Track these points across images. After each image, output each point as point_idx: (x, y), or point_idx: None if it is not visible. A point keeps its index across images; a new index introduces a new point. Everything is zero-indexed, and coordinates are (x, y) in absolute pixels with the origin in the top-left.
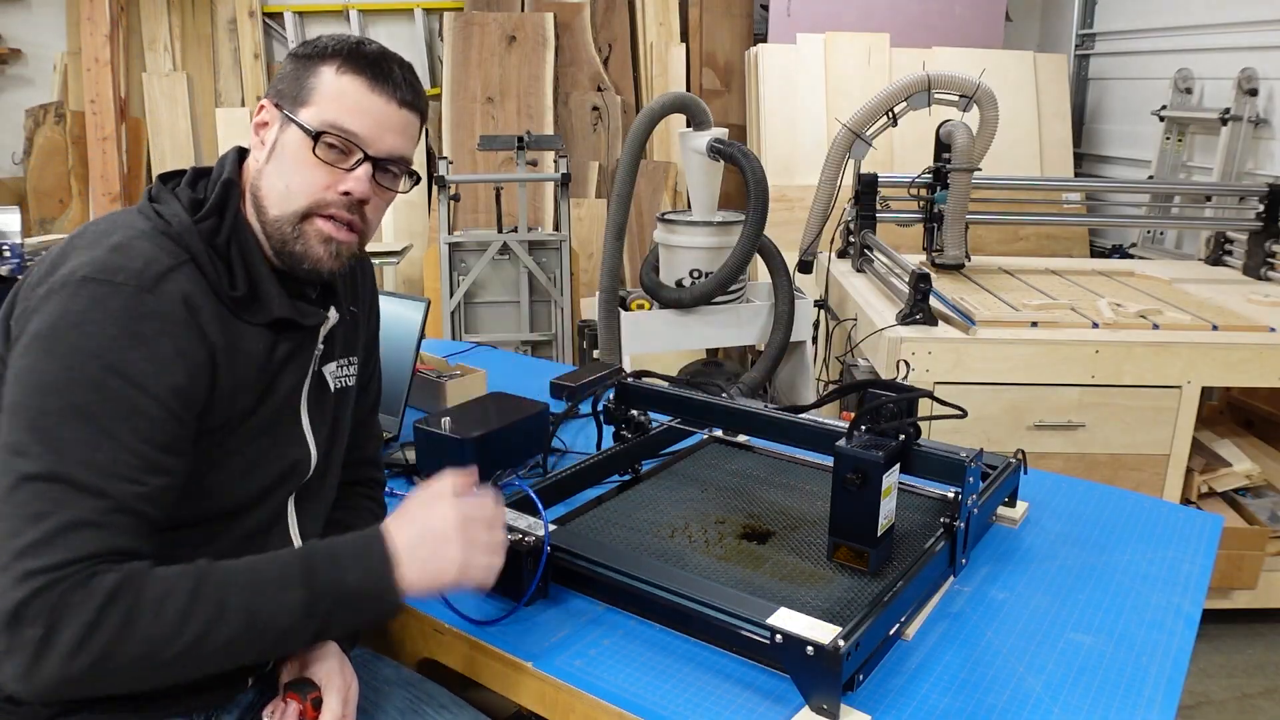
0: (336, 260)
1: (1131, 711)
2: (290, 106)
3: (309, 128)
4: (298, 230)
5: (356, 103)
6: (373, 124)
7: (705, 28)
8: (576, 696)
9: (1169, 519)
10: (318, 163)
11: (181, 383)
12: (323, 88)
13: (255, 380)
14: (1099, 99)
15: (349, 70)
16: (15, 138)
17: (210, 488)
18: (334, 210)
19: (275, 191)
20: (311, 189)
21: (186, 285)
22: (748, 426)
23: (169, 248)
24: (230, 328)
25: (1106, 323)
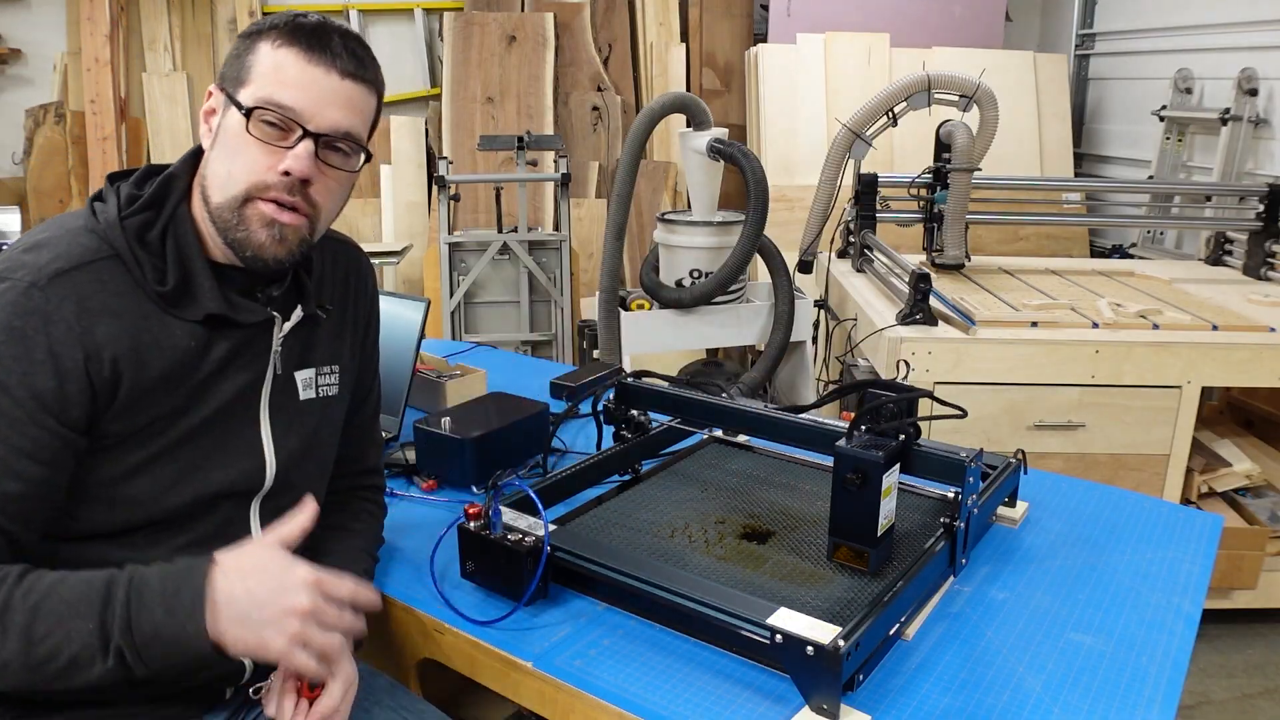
0: (281, 245)
1: (1131, 711)
2: (232, 88)
3: (243, 105)
4: (239, 216)
5: (293, 76)
6: (311, 97)
7: (705, 28)
8: (576, 696)
9: (1169, 519)
10: (255, 142)
11: (48, 386)
12: (260, 64)
13: (183, 378)
14: (1099, 99)
15: (284, 43)
16: (15, 138)
17: (138, 495)
18: (275, 193)
19: (218, 178)
20: (250, 171)
21: (87, 283)
22: (748, 426)
23: (89, 244)
24: (151, 322)
25: (1106, 323)
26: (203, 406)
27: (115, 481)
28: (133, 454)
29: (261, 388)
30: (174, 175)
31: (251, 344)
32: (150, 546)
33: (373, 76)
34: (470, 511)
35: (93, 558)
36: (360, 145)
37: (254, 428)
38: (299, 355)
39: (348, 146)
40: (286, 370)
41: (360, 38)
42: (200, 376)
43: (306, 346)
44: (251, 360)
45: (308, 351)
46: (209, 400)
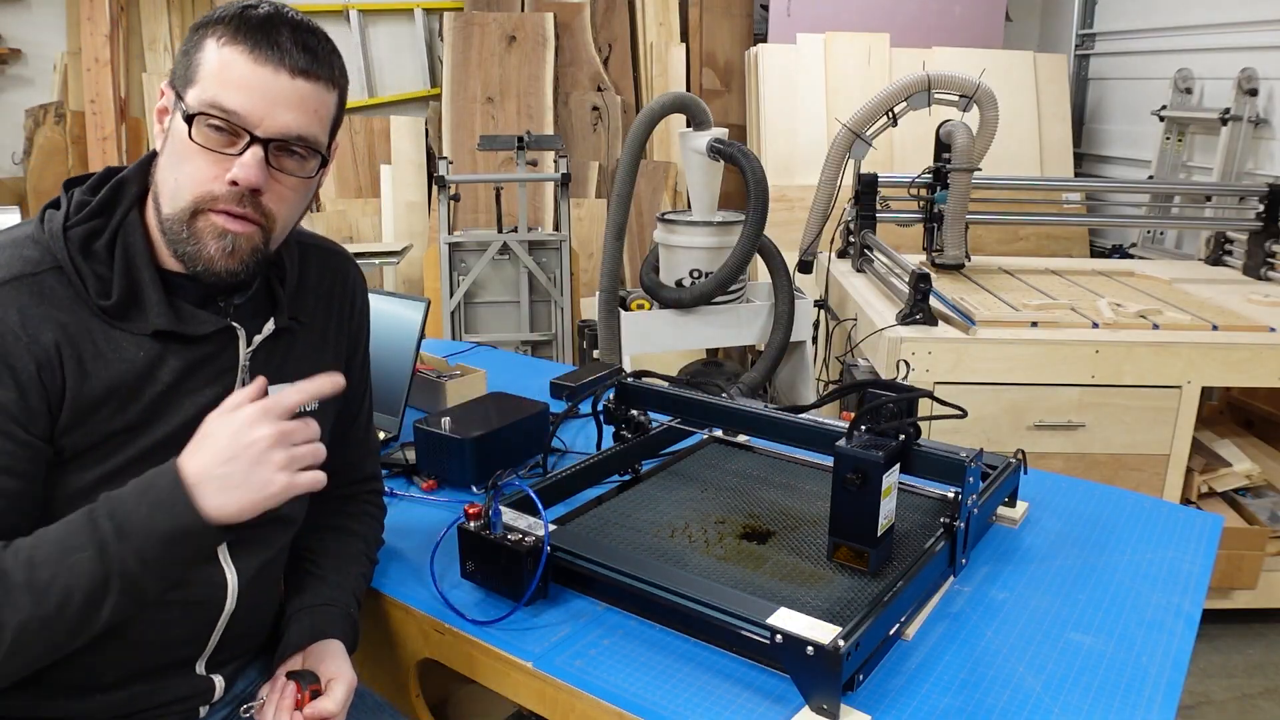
0: (231, 258)
1: (1131, 711)
2: (181, 87)
3: (187, 110)
4: (188, 229)
5: (238, 77)
6: (258, 100)
7: (705, 28)
8: (576, 696)
9: (1169, 519)
10: (201, 150)
11: (10, 398)
12: (206, 63)
13: (133, 394)
14: (1099, 99)
15: (229, 39)
16: (15, 138)
17: None
18: (223, 205)
19: (167, 186)
20: (197, 181)
21: (28, 294)
22: (748, 426)
23: (31, 255)
24: (96, 335)
25: (1106, 323)
26: (163, 423)
27: (74, 498)
28: (91, 470)
29: None
30: (126, 180)
31: (215, 358)
32: None
33: (329, 72)
34: (470, 511)
35: None
36: (316, 149)
37: None
38: (275, 369)
39: (303, 150)
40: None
41: (317, 29)
42: (156, 391)
43: (283, 361)
44: (217, 375)
45: (283, 365)
46: (169, 417)
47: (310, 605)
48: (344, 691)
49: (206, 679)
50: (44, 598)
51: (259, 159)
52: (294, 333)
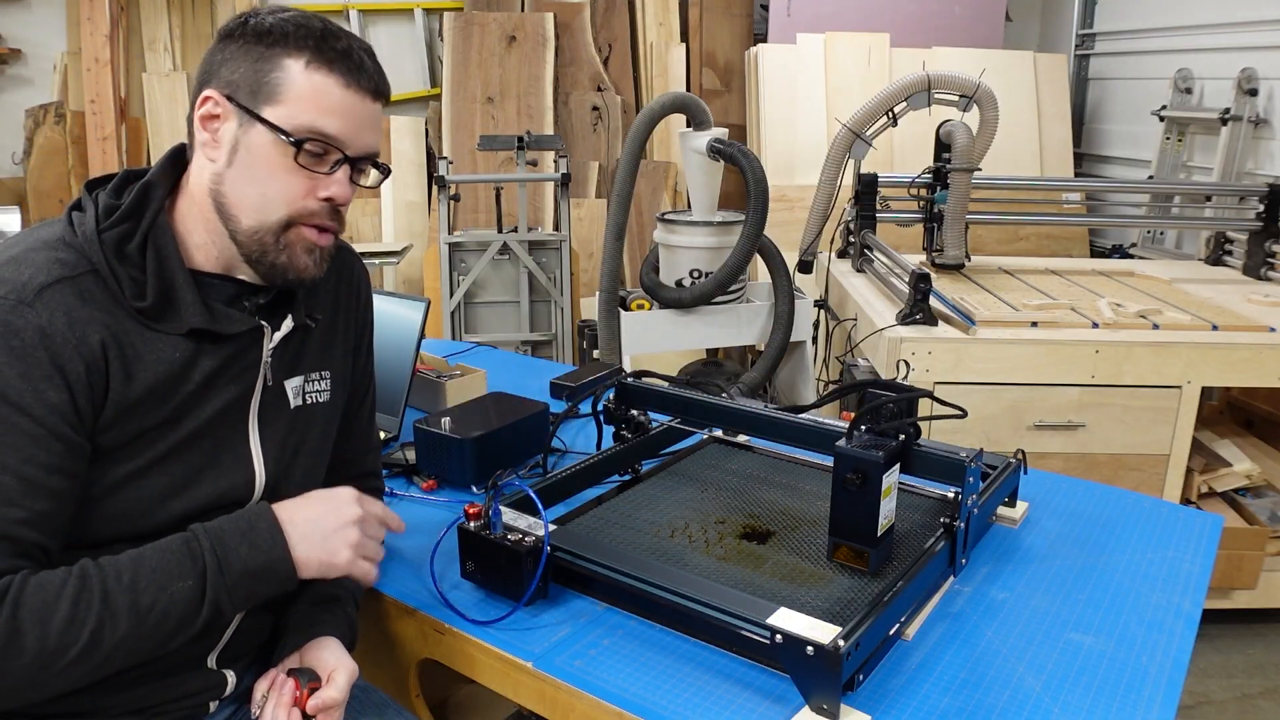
0: (320, 266)
1: (1131, 711)
2: (251, 102)
3: (288, 132)
4: (281, 241)
5: (334, 103)
6: (351, 124)
7: (705, 28)
8: (576, 696)
9: (1169, 519)
10: (297, 169)
11: (62, 399)
12: (292, 85)
13: (168, 393)
14: (1099, 99)
15: (321, 66)
16: (15, 138)
17: (127, 508)
18: (318, 219)
19: (248, 200)
20: (291, 197)
21: (72, 296)
22: (748, 426)
23: (68, 259)
24: (134, 337)
25: (1106, 323)
26: (191, 419)
27: (103, 495)
28: (121, 466)
29: (251, 398)
30: (153, 183)
31: (241, 355)
32: None
33: (389, 89)
34: (470, 511)
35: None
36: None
37: (243, 439)
38: (289, 363)
39: (372, 164)
40: (276, 380)
41: (372, 49)
42: (189, 389)
43: (297, 354)
44: (242, 371)
45: (297, 359)
46: (198, 413)
47: (307, 604)
48: (346, 679)
49: (218, 674)
50: (144, 620)
51: (348, 176)
52: (307, 328)
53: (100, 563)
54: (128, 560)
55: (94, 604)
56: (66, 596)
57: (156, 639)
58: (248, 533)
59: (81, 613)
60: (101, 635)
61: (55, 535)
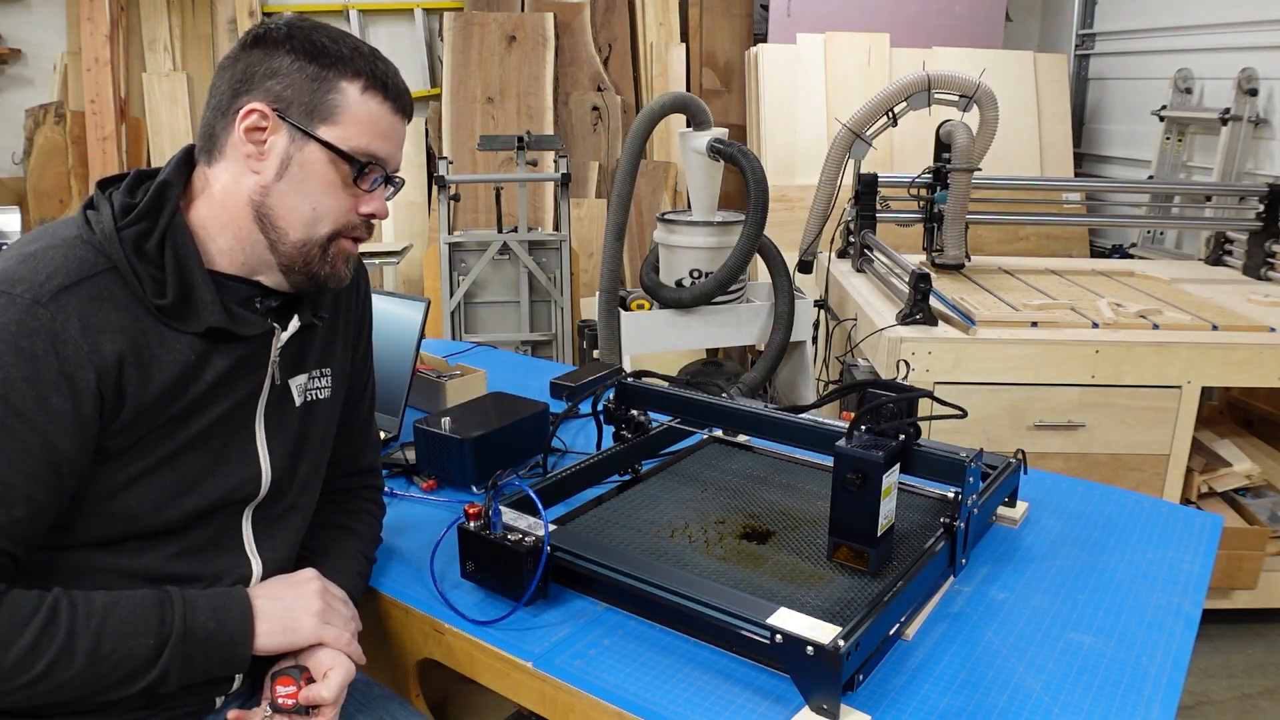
0: (350, 272)
1: (1131, 711)
2: (306, 121)
3: (348, 155)
4: (324, 252)
5: (385, 128)
6: (395, 147)
7: (705, 28)
8: (576, 696)
9: (1169, 519)
10: (349, 187)
11: (65, 407)
12: (350, 108)
13: (181, 392)
14: (1099, 99)
15: (376, 92)
16: (15, 138)
17: (135, 507)
18: (358, 232)
19: (298, 214)
20: (338, 213)
21: (89, 299)
22: (748, 426)
23: (86, 256)
24: (151, 337)
25: (1106, 323)
26: (202, 417)
27: (113, 494)
28: (132, 465)
29: (259, 397)
30: (168, 183)
31: (252, 356)
32: (140, 554)
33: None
34: (470, 511)
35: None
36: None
37: (251, 437)
38: (294, 362)
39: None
40: (283, 378)
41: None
42: (200, 388)
43: (301, 352)
44: (251, 371)
45: (302, 357)
46: (208, 411)
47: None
48: (341, 678)
49: None
50: (98, 666)
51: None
52: (313, 326)
53: (74, 598)
54: (100, 604)
55: (57, 639)
56: (34, 626)
57: (101, 686)
58: (219, 611)
59: (43, 644)
60: (55, 670)
61: (24, 544)
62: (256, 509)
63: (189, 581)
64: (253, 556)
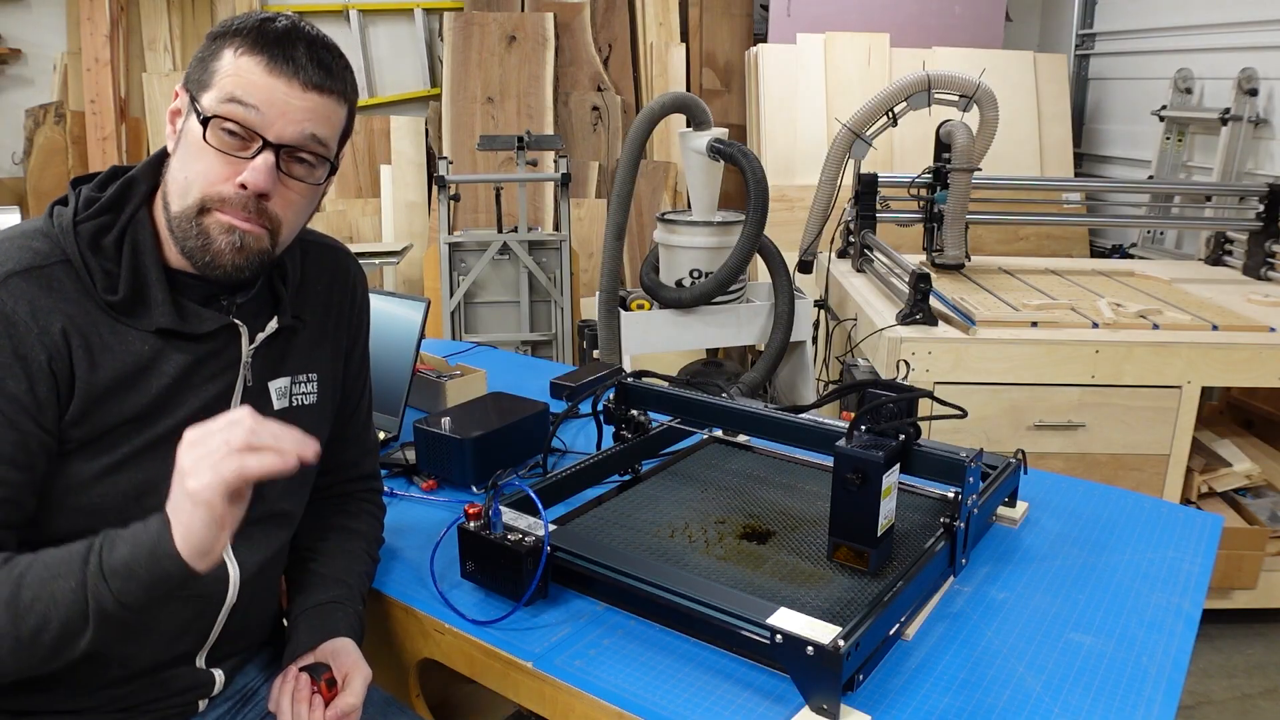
0: (240, 253)
1: (1131, 711)
2: (195, 91)
3: (204, 112)
4: (196, 225)
5: (252, 84)
6: (272, 109)
7: (705, 28)
8: (576, 696)
9: (1169, 519)
10: (214, 151)
11: (21, 389)
12: (223, 70)
13: (138, 386)
14: (1099, 99)
15: (248, 50)
16: (15, 138)
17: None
18: (229, 208)
19: (177, 184)
20: (208, 180)
21: (38, 287)
22: (748, 426)
23: (41, 248)
24: (102, 328)
25: (1106, 323)
26: (168, 416)
27: (79, 489)
28: (96, 461)
29: (231, 399)
30: (135, 179)
31: (219, 354)
32: None
33: (341, 87)
34: (470, 511)
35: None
36: (325, 156)
37: None
38: (274, 365)
39: (312, 157)
40: (260, 381)
41: (332, 45)
42: (161, 384)
43: (281, 355)
44: (220, 371)
45: (282, 360)
46: (173, 411)
47: (317, 604)
48: (362, 684)
49: (207, 672)
50: (21, 619)
51: (269, 164)
52: (295, 329)
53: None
54: (28, 558)
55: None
56: None
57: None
58: (138, 532)
59: None
60: None
61: (4, 526)
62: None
63: None
64: (229, 561)
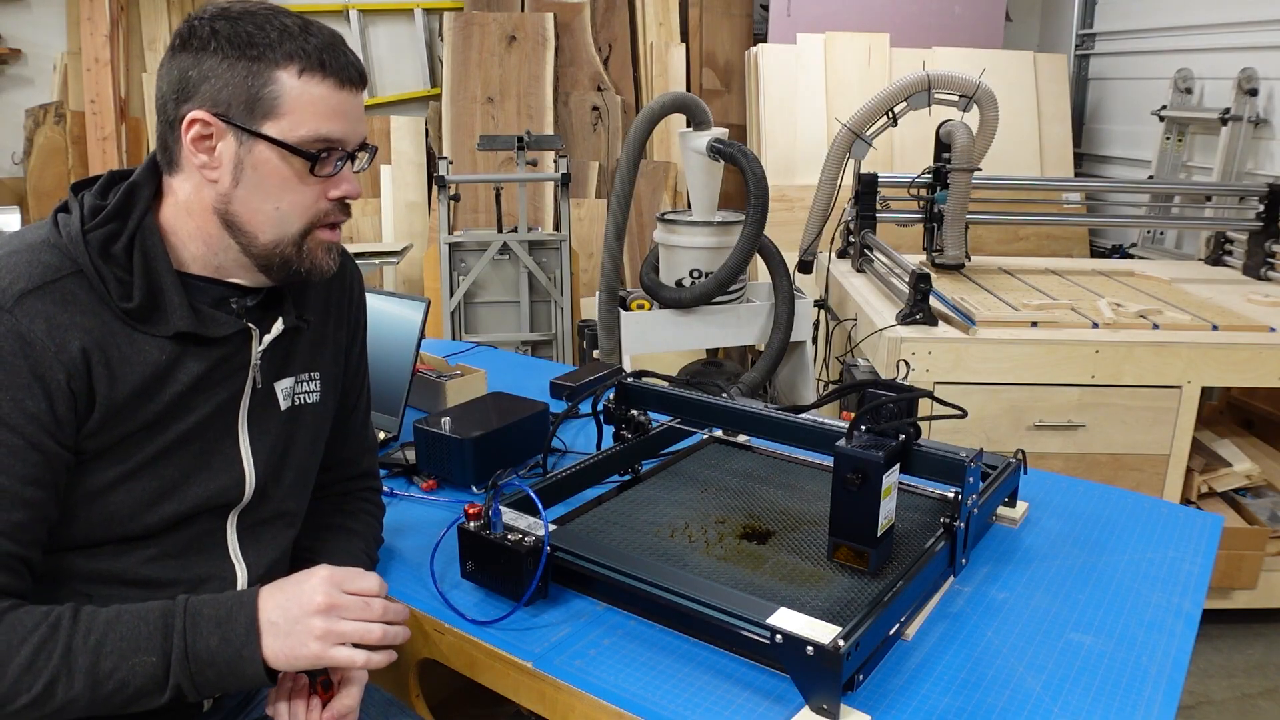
0: (337, 260)
1: (1131, 711)
2: (248, 120)
3: (298, 148)
4: (303, 249)
5: (333, 108)
6: (349, 123)
7: (705, 28)
8: (576, 696)
9: (1169, 519)
10: (310, 179)
11: (40, 408)
12: (289, 97)
13: (154, 394)
14: (1099, 99)
15: (312, 74)
16: (15, 138)
17: (116, 511)
18: (332, 218)
19: (264, 216)
20: (305, 206)
21: (54, 303)
22: (748, 426)
23: (51, 261)
24: (120, 339)
25: (1106, 323)
26: (180, 421)
27: (92, 498)
28: (110, 469)
29: (241, 400)
30: (137, 184)
31: (230, 358)
32: (119, 558)
33: (366, 74)
34: (470, 511)
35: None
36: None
37: (233, 442)
38: (279, 365)
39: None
40: (266, 382)
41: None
42: (175, 391)
43: (286, 356)
44: (230, 374)
45: (287, 360)
46: (186, 415)
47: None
48: (358, 686)
49: None
50: (100, 685)
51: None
52: (299, 328)
53: (79, 614)
54: (103, 620)
55: (54, 656)
56: (31, 643)
57: (113, 704)
58: (224, 622)
59: (40, 662)
60: (55, 689)
61: (33, 546)
62: (241, 514)
63: (169, 585)
64: (237, 562)
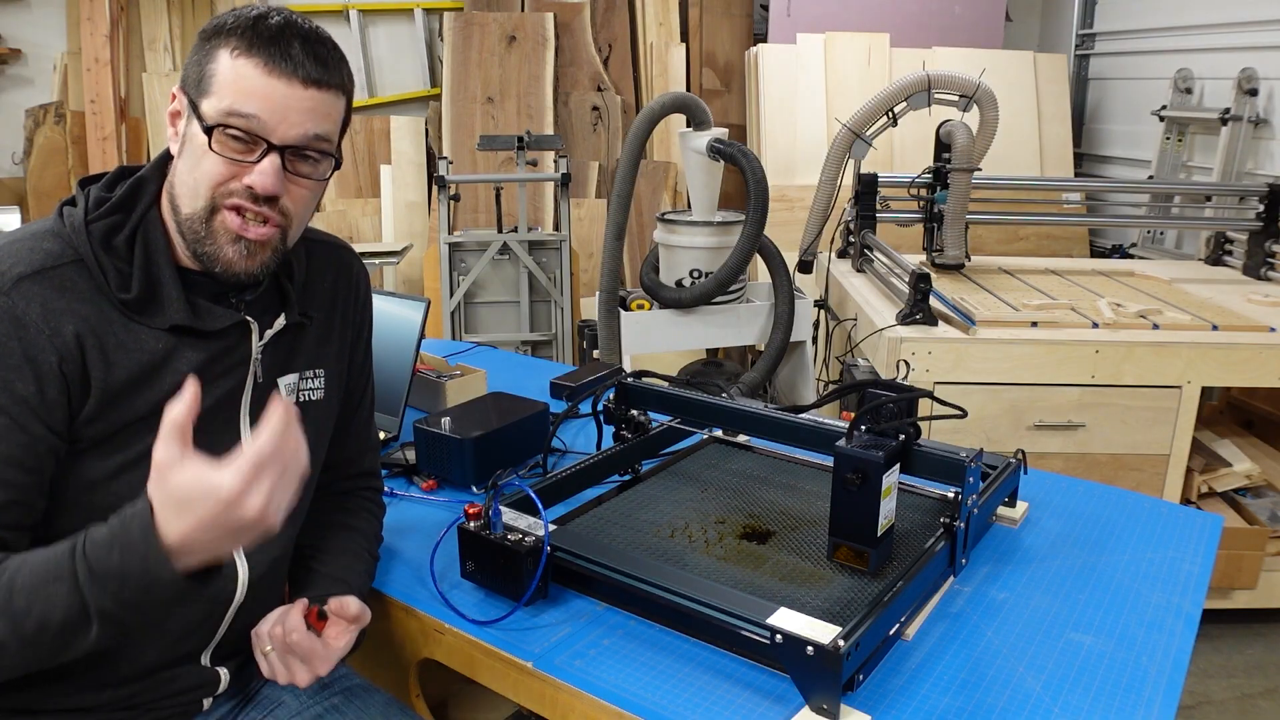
0: (250, 260)
1: (1131, 711)
2: (194, 94)
3: (206, 120)
4: (206, 228)
5: (253, 88)
6: (275, 109)
7: (705, 28)
8: (576, 696)
9: (1169, 519)
10: (219, 156)
11: (29, 391)
12: (221, 73)
13: (152, 383)
14: (1099, 99)
15: (244, 51)
16: (15, 138)
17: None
18: (238, 200)
19: (185, 187)
20: (215, 182)
21: (51, 288)
22: (748, 426)
23: (53, 248)
24: (116, 326)
25: (1106, 323)
26: None
27: (94, 487)
28: (110, 458)
29: (242, 395)
30: (144, 179)
31: (230, 351)
32: None
33: (338, 80)
34: (470, 511)
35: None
36: (328, 152)
37: (235, 435)
38: (282, 361)
39: (316, 154)
40: (269, 377)
41: (326, 38)
42: (174, 380)
43: (290, 352)
44: (231, 367)
45: (291, 357)
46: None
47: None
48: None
49: (212, 670)
50: (21, 624)
51: (276, 166)
52: (302, 325)
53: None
54: (15, 562)
55: None
56: None
57: (44, 645)
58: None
59: None
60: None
61: (16, 529)
62: None
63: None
64: (238, 556)
